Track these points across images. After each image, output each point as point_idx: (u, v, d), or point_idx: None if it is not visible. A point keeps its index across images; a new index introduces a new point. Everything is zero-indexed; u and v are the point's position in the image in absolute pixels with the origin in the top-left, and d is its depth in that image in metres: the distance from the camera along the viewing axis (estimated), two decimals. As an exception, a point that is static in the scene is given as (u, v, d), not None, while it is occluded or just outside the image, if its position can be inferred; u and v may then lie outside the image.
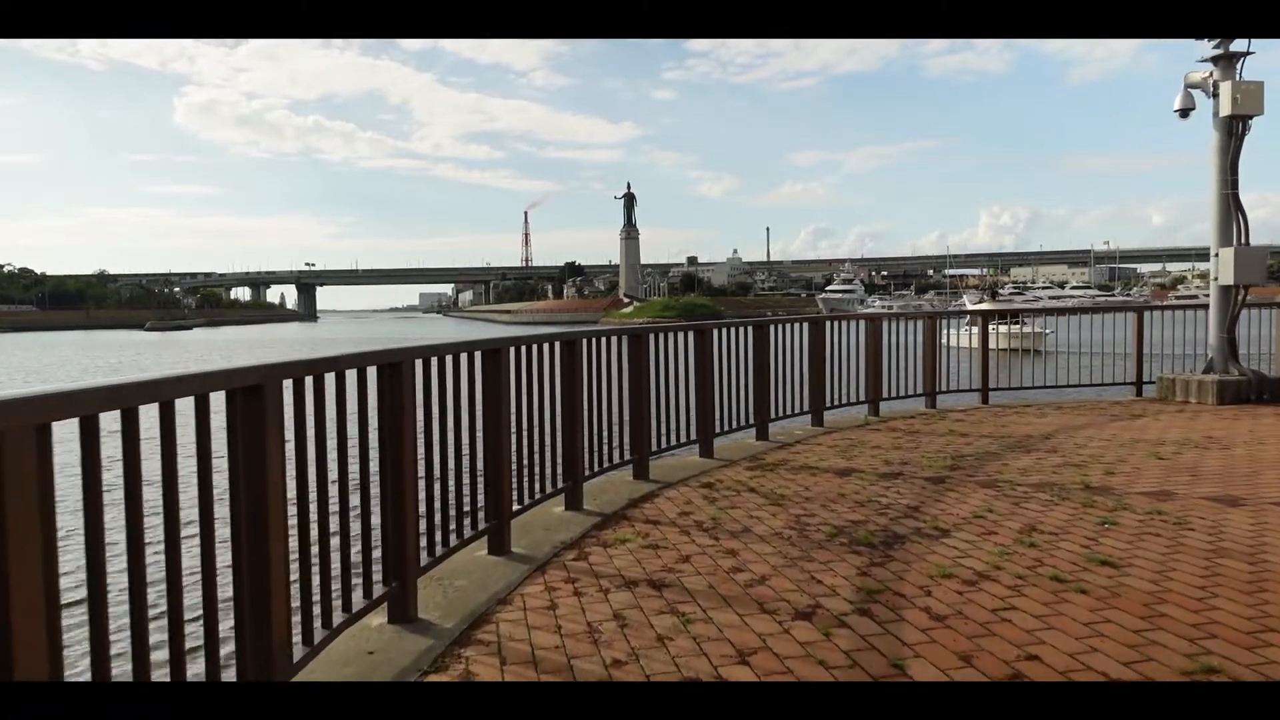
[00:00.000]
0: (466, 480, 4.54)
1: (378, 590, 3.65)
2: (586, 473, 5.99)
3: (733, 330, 7.99)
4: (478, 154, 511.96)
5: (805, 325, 9.18)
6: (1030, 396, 11.43)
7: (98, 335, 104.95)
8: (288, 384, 2.98)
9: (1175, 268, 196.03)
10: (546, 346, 5.44)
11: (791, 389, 8.87)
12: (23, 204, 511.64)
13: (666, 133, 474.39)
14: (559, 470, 5.63)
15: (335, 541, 3.37)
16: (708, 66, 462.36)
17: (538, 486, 5.33)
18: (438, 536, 4.19)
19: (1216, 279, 10.68)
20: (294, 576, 3.03)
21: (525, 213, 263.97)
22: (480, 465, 4.72)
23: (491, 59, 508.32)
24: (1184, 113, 10.92)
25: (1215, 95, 10.53)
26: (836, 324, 9.60)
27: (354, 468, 3.55)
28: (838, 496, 5.94)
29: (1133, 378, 11.50)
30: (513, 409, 4.98)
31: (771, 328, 8.55)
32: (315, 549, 3.18)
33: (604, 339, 6.22)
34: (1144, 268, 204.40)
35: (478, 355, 4.65)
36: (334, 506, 3.34)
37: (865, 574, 4.25)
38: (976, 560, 4.42)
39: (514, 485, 5.03)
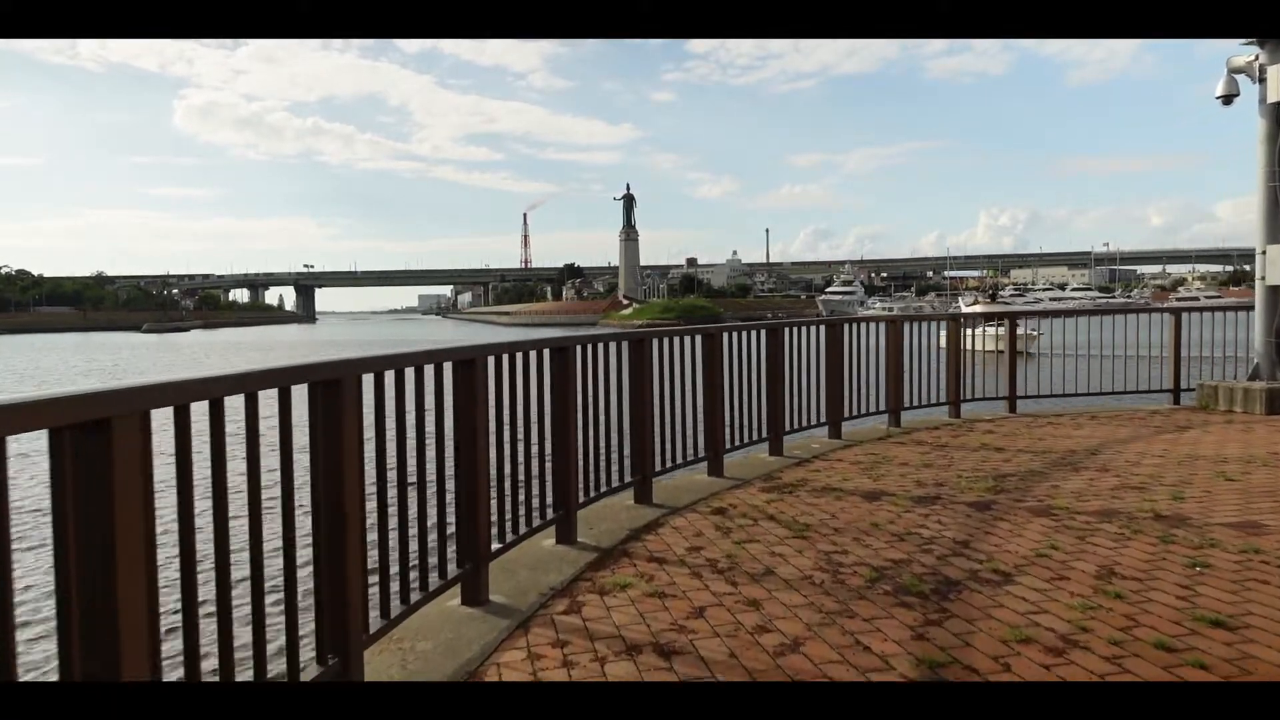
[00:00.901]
0: (434, 519, 3.75)
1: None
2: (581, 498, 5.20)
3: (744, 334, 7.19)
4: (477, 156, 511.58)
5: (821, 329, 8.39)
6: (1060, 405, 10.64)
7: (94, 337, 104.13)
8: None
9: (1175, 269, 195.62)
10: (533, 354, 4.64)
11: (806, 398, 8.08)
12: (22, 206, 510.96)
13: (666, 134, 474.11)
14: (548, 498, 4.83)
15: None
16: (707, 68, 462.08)
17: (523, 520, 4.54)
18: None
19: (1263, 278, 9.90)
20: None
21: (524, 214, 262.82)
22: (452, 495, 3.94)
23: (491, 61, 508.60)
24: (1227, 99, 10.16)
25: (1262, 80, 9.75)
26: (854, 327, 8.79)
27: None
28: (871, 527, 5.15)
29: (1167, 384, 10.70)
30: (491, 428, 4.19)
31: (786, 331, 7.76)
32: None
33: (601, 345, 5.43)
34: (1144, 269, 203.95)
35: (447, 365, 3.86)
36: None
37: (922, 637, 3.45)
38: (1055, 617, 3.62)
39: (493, 520, 4.23)
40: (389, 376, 3.33)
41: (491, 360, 4.20)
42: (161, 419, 2.12)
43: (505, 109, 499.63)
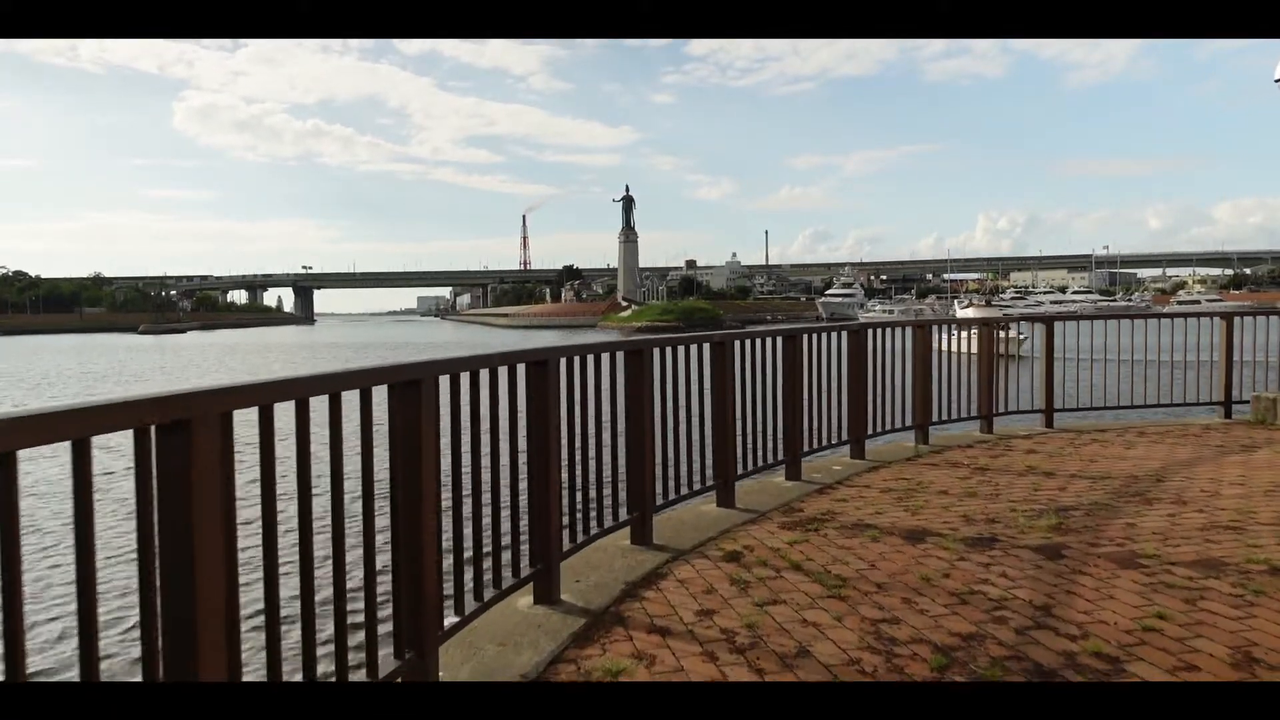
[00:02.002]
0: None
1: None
2: (566, 545, 4.25)
3: (758, 343, 6.23)
4: (477, 158, 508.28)
5: (843, 335, 7.43)
6: (1098, 419, 9.69)
7: (90, 339, 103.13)
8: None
9: (1175, 273, 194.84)
10: (503, 370, 3.70)
11: (827, 414, 7.12)
12: (22, 208, 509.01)
13: (665, 136, 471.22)
14: (524, 548, 3.88)
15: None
16: (706, 70, 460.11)
17: (489, 581, 3.59)
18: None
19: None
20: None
21: (524, 216, 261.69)
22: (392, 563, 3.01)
23: (490, 63, 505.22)
24: (1288, 81, 9.22)
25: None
26: (878, 333, 7.82)
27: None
28: (921, 582, 4.19)
29: (1215, 395, 9.74)
30: (445, 466, 3.25)
31: (805, 338, 6.80)
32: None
33: (587, 357, 4.48)
34: (1144, 273, 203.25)
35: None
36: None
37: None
38: (1203, 736, 2.66)
39: (444, 587, 3.28)
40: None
41: (444, 381, 3.25)
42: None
43: (505, 111, 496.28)
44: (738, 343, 5.99)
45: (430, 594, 3.00)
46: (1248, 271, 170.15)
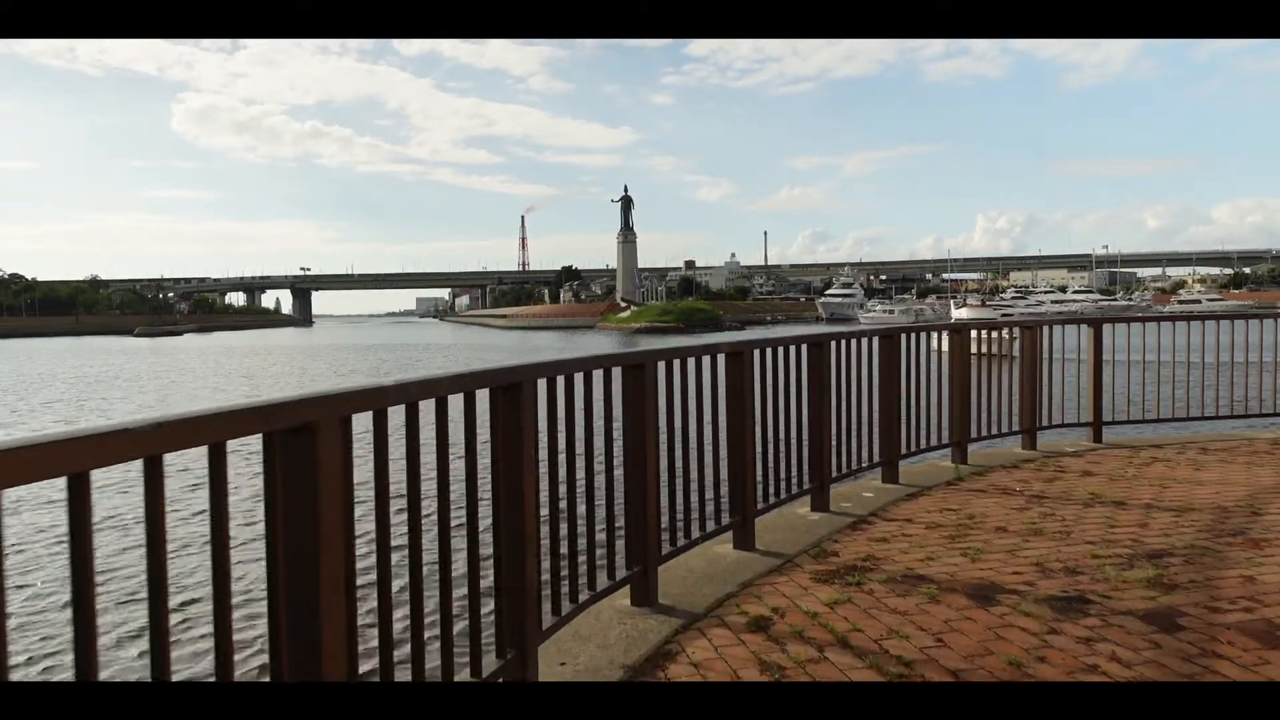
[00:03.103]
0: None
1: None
2: (548, 619, 3.28)
3: (779, 351, 5.26)
4: (476, 159, 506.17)
5: (874, 341, 6.45)
6: (1152, 431, 8.73)
7: (86, 342, 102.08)
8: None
9: (1175, 272, 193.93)
10: (453, 398, 2.76)
11: (856, 431, 6.15)
12: (21, 210, 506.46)
13: (665, 137, 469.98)
14: (484, 616, 2.93)
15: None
16: (706, 71, 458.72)
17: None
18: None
19: None
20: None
21: (522, 217, 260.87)
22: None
23: (490, 64, 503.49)
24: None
25: None
26: (911, 339, 6.83)
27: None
28: (1010, 669, 3.21)
29: (1278, 406, 8.76)
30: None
31: (832, 345, 5.83)
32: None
33: (579, 374, 3.52)
34: (1144, 272, 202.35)
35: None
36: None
37: None
38: None
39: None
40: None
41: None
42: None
43: (504, 112, 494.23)
44: (758, 353, 5.02)
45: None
46: (1247, 271, 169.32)
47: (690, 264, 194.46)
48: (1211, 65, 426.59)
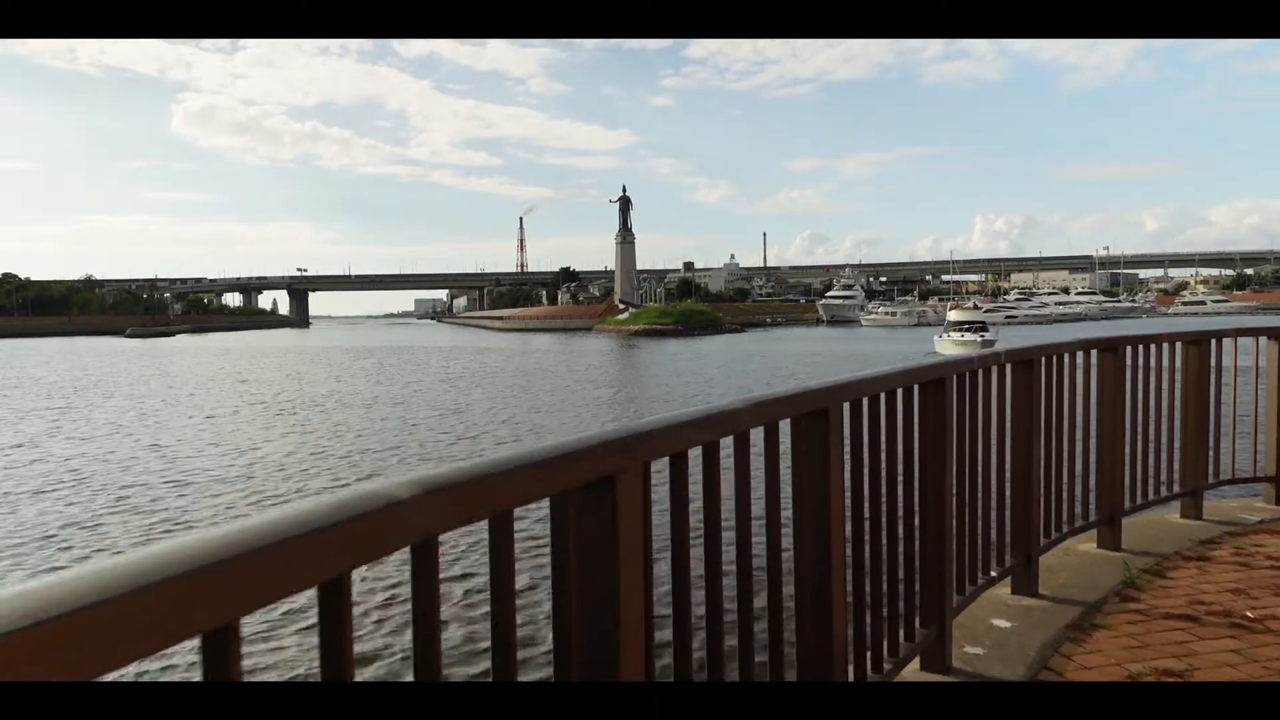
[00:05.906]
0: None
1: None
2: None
3: (1070, 356, 4.64)
4: (475, 160, 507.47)
5: (1177, 346, 5.43)
6: None
7: (79, 342, 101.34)
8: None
9: (1177, 273, 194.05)
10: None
11: (1145, 459, 5.27)
12: (21, 211, 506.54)
13: (664, 139, 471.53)
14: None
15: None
16: (705, 73, 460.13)
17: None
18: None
19: None
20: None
21: (521, 219, 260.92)
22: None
23: (489, 66, 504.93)
24: None
25: None
26: (1223, 344, 5.63)
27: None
28: None
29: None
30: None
31: (1128, 350, 5.04)
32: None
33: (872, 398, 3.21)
34: (1145, 273, 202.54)
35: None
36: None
37: None
38: None
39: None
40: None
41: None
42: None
43: (504, 114, 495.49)
44: (1043, 358, 4.36)
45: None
46: (1249, 272, 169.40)
47: (689, 266, 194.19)
48: (1210, 67, 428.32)
